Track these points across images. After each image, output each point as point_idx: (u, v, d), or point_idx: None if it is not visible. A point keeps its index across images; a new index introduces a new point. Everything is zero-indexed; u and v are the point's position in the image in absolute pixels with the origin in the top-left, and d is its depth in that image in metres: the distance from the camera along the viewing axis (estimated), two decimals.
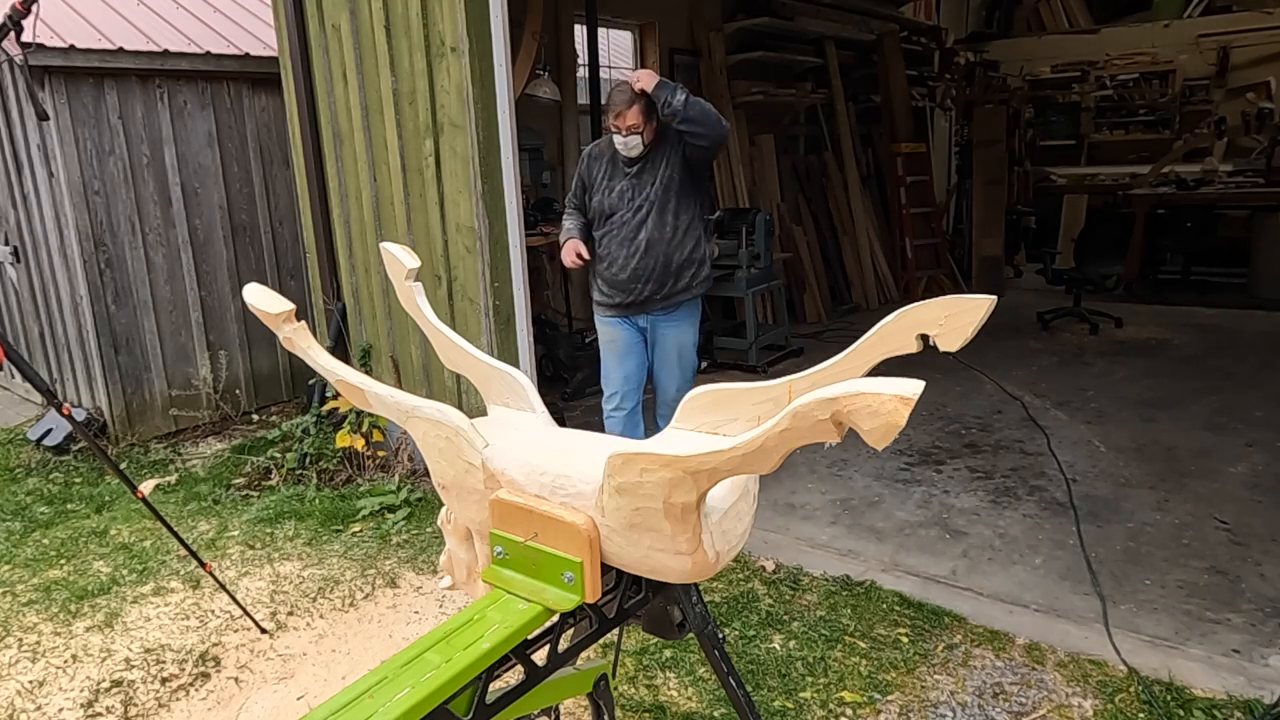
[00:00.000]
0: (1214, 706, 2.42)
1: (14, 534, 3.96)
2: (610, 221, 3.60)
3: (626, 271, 3.58)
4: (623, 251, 3.57)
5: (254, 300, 1.65)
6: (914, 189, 8.26)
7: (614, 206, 3.57)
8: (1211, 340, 6.39)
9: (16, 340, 5.87)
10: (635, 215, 3.54)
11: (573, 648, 1.49)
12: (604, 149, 3.64)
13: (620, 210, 3.56)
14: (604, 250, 3.64)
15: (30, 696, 2.73)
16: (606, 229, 3.61)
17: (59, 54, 4.48)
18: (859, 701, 2.53)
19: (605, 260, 3.64)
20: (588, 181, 3.67)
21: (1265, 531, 3.44)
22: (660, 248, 3.56)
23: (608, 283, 3.67)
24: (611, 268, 3.62)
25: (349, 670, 2.81)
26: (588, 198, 3.68)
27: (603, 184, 3.60)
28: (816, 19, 7.91)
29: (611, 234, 3.59)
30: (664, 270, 3.58)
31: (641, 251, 3.55)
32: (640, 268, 3.57)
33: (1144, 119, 8.93)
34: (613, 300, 3.67)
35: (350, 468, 4.38)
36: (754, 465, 1.16)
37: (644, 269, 3.57)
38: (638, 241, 3.55)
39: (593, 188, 3.65)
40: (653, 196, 3.53)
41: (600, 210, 3.62)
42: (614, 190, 3.57)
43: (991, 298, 1.25)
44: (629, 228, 3.55)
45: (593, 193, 3.64)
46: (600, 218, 3.63)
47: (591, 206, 3.67)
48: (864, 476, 4.16)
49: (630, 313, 3.67)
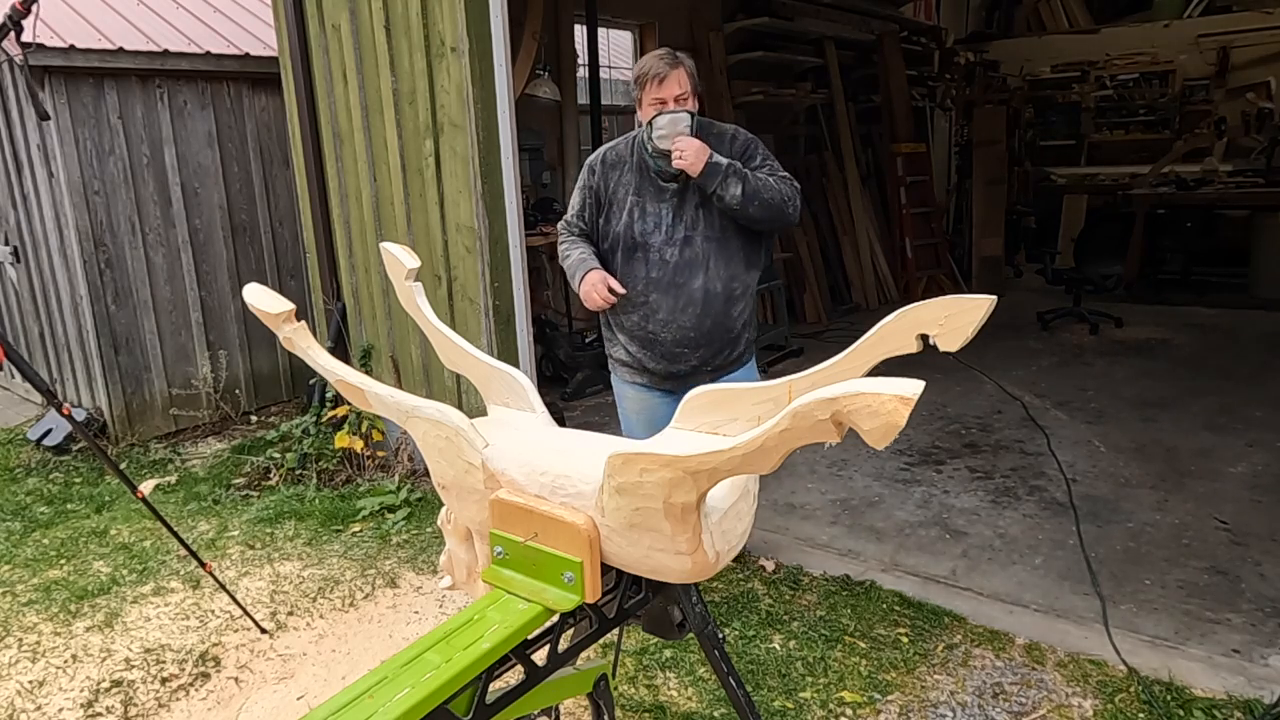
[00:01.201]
0: (1214, 706, 2.42)
1: (14, 534, 3.96)
2: (638, 257, 2.66)
3: (671, 330, 2.65)
4: (665, 302, 2.63)
5: (254, 300, 1.65)
6: (914, 189, 8.26)
7: (646, 235, 2.64)
8: (1211, 340, 6.39)
9: (16, 340, 5.86)
10: (684, 252, 2.62)
11: (573, 648, 1.49)
12: (624, 155, 2.71)
13: (657, 242, 2.64)
14: (633, 293, 2.67)
15: (30, 696, 2.73)
16: (631, 265, 2.67)
17: (59, 54, 4.48)
18: (859, 701, 2.53)
19: (635, 309, 2.69)
20: (603, 196, 2.72)
21: (1265, 531, 3.44)
22: (718, 305, 2.65)
23: (637, 340, 2.73)
24: (648, 323, 2.67)
25: (349, 670, 2.81)
26: (601, 220, 2.73)
27: (628, 202, 2.67)
28: (816, 19, 7.91)
29: (643, 274, 2.65)
30: (721, 334, 2.70)
31: (698, 308, 2.62)
32: (690, 329, 2.64)
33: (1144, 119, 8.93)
34: (645, 366, 2.76)
35: (350, 468, 4.38)
36: (754, 465, 1.16)
37: (696, 331, 2.65)
38: (690, 292, 2.62)
39: (611, 206, 2.70)
40: (709, 230, 2.63)
41: (625, 239, 2.67)
42: (647, 213, 2.65)
43: (991, 298, 1.25)
44: (673, 269, 2.62)
45: (612, 213, 2.70)
46: (624, 249, 2.68)
47: (610, 232, 2.70)
48: (864, 476, 4.16)
49: (669, 385, 2.76)
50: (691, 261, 2.62)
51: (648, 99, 2.57)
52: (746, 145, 2.70)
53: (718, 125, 2.72)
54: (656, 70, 2.53)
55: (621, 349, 2.81)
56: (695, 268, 2.61)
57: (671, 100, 2.54)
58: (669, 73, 2.53)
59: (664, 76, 2.53)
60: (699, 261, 2.62)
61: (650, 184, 2.65)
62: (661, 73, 2.53)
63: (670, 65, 2.53)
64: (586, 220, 2.77)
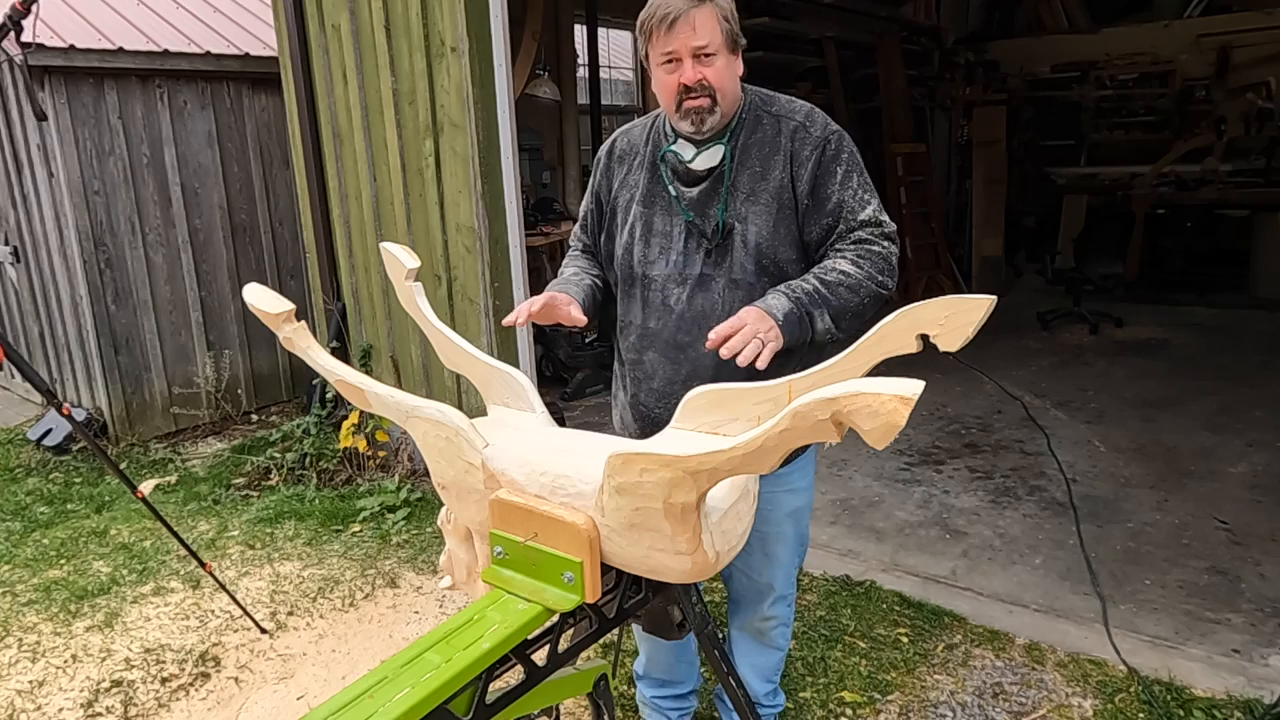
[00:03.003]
0: (1214, 706, 2.42)
1: (14, 534, 3.96)
2: (634, 295, 1.87)
3: (667, 406, 1.77)
4: (663, 368, 1.84)
5: (254, 300, 1.65)
6: (914, 189, 8.26)
7: (647, 265, 1.83)
8: (1211, 340, 6.39)
9: (16, 340, 5.86)
10: (695, 299, 1.80)
11: (573, 648, 1.49)
12: (637, 144, 1.89)
13: (659, 276, 1.82)
14: (624, 341, 1.93)
15: (30, 696, 2.73)
16: (627, 305, 1.90)
17: (59, 54, 4.48)
18: (859, 701, 2.53)
19: (628, 365, 1.93)
20: (605, 201, 1.93)
21: (1265, 531, 3.44)
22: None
23: (630, 408, 1.95)
24: (639, 390, 1.90)
25: (349, 670, 2.81)
26: (603, 236, 1.95)
27: (631, 214, 1.86)
28: (816, 19, 7.91)
29: (638, 320, 1.87)
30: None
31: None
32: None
33: (1144, 119, 8.92)
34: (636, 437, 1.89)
35: (350, 468, 4.38)
36: (754, 465, 1.16)
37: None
38: (695, 359, 1.79)
39: (614, 216, 1.90)
40: (737, 271, 1.76)
41: (622, 266, 1.88)
42: (653, 233, 1.82)
43: (991, 298, 1.25)
44: (676, 322, 1.81)
45: (614, 226, 1.90)
46: (621, 279, 1.90)
47: (612, 254, 1.91)
48: (864, 476, 4.16)
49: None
50: (706, 314, 1.77)
51: (656, 54, 1.68)
52: (824, 145, 1.74)
53: (780, 103, 1.81)
54: (666, 8, 1.63)
55: (620, 406, 2.03)
56: (710, 324, 1.63)
57: (689, 57, 1.65)
58: (685, 10, 1.62)
59: (675, 16, 1.62)
60: (716, 316, 1.72)
61: (662, 191, 1.80)
62: (674, 10, 1.62)
63: (695, 1, 1.63)
64: (589, 234, 2.00)
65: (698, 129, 1.73)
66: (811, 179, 1.74)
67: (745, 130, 1.77)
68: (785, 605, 2.14)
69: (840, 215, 1.75)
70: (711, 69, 1.66)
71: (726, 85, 1.70)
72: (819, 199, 1.75)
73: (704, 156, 1.76)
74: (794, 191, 1.75)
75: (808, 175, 1.74)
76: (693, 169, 1.78)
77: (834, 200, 1.75)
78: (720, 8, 1.66)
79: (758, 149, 1.76)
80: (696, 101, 1.68)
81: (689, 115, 1.71)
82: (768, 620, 2.11)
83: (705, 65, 1.66)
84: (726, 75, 1.69)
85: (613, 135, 1.98)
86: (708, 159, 1.76)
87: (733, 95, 1.74)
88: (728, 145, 1.75)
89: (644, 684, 2.35)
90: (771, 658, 2.22)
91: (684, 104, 1.69)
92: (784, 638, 2.21)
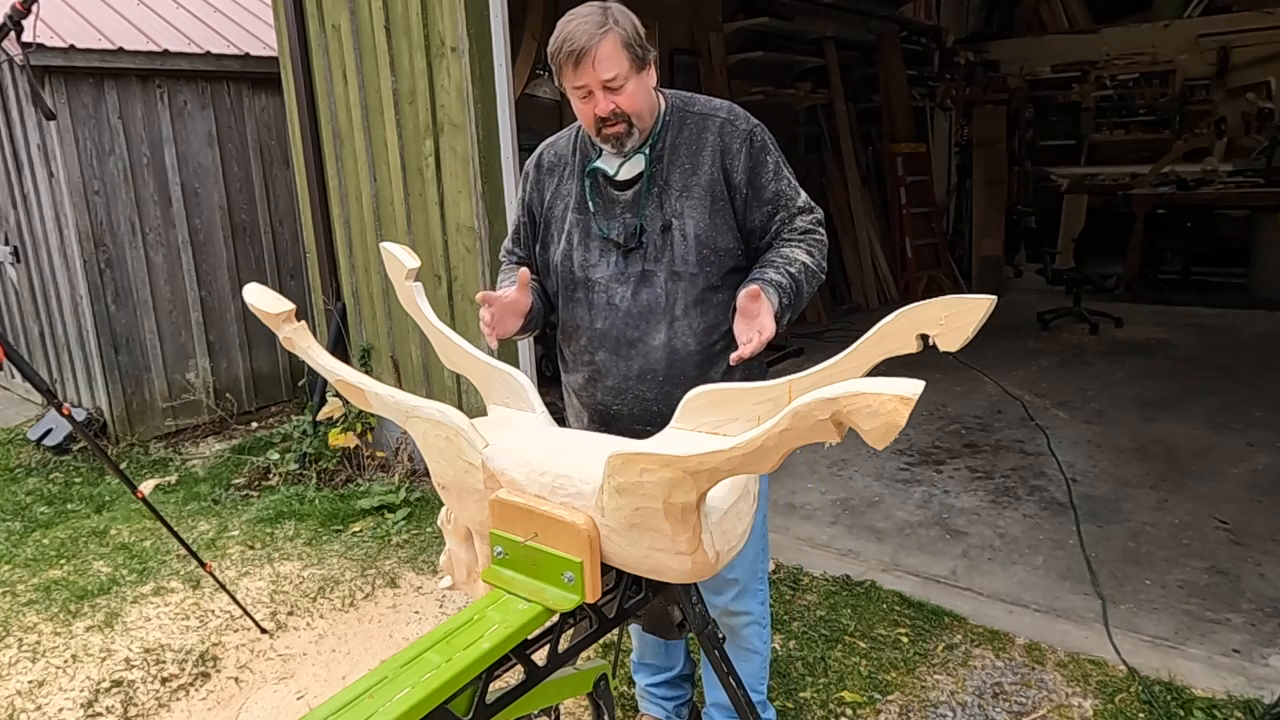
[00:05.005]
0: (1214, 706, 2.42)
1: (14, 534, 3.96)
2: (579, 299, 1.91)
3: (626, 402, 1.88)
4: (615, 365, 1.88)
5: (254, 300, 1.65)
6: (914, 189, 8.26)
7: (588, 268, 1.88)
8: (1211, 340, 6.39)
9: (16, 340, 5.87)
10: (639, 295, 1.84)
11: (573, 648, 1.49)
12: (565, 155, 1.94)
13: (602, 278, 1.87)
14: (572, 345, 1.97)
15: (30, 696, 2.73)
16: (572, 309, 1.93)
17: (59, 54, 4.48)
18: (859, 701, 2.53)
19: (580, 366, 1.96)
20: (538, 213, 1.97)
21: (1265, 531, 3.44)
22: (689, 369, 1.82)
23: (589, 409, 1.99)
24: (595, 389, 1.93)
25: (349, 670, 2.81)
26: (538, 247, 1.99)
27: (567, 222, 1.90)
28: (816, 19, 7.91)
29: (586, 322, 1.91)
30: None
31: (659, 374, 1.83)
32: (652, 400, 1.85)
33: (1144, 119, 8.92)
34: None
35: (350, 468, 4.38)
36: (754, 465, 1.16)
37: (661, 404, 1.81)
38: (648, 351, 1.84)
39: (549, 227, 1.95)
40: (678, 263, 1.81)
41: (563, 274, 1.92)
42: (590, 237, 1.87)
43: (991, 298, 1.25)
44: (624, 318, 1.85)
45: (549, 236, 1.95)
46: (563, 286, 1.93)
47: (549, 264, 1.95)
48: (864, 476, 4.16)
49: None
50: (651, 308, 1.82)
51: (568, 86, 1.72)
52: (750, 137, 1.83)
53: (700, 102, 1.87)
54: (573, 43, 1.64)
55: (571, 407, 2.05)
56: (655, 317, 1.79)
57: (599, 89, 1.67)
58: (587, 46, 1.63)
59: (579, 53, 1.64)
60: (661, 308, 1.81)
61: (596, 197, 1.85)
62: (578, 46, 1.63)
63: (595, 34, 1.63)
64: (523, 246, 2.02)
65: (619, 150, 1.80)
66: (747, 169, 1.82)
67: (671, 132, 1.83)
68: (756, 601, 2.10)
69: (780, 204, 1.86)
70: (623, 96, 1.71)
71: (641, 106, 1.75)
72: (756, 188, 1.84)
73: (628, 167, 1.83)
74: (727, 183, 1.82)
75: (742, 166, 1.82)
76: (618, 179, 1.84)
77: (770, 190, 1.85)
78: (622, 33, 1.67)
79: (685, 147, 1.83)
80: (614, 129, 1.75)
81: (608, 140, 1.78)
82: (736, 616, 2.09)
83: (617, 94, 1.70)
84: (639, 96, 1.74)
85: (538, 149, 2.03)
86: (631, 168, 1.83)
87: (649, 110, 1.79)
88: (649, 154, 1.81)
89: (640, 674, 2.39)
90: (750, 663, 2.14)
91: (603, 131, 1.76)
92: (759, 639, 2.14)
